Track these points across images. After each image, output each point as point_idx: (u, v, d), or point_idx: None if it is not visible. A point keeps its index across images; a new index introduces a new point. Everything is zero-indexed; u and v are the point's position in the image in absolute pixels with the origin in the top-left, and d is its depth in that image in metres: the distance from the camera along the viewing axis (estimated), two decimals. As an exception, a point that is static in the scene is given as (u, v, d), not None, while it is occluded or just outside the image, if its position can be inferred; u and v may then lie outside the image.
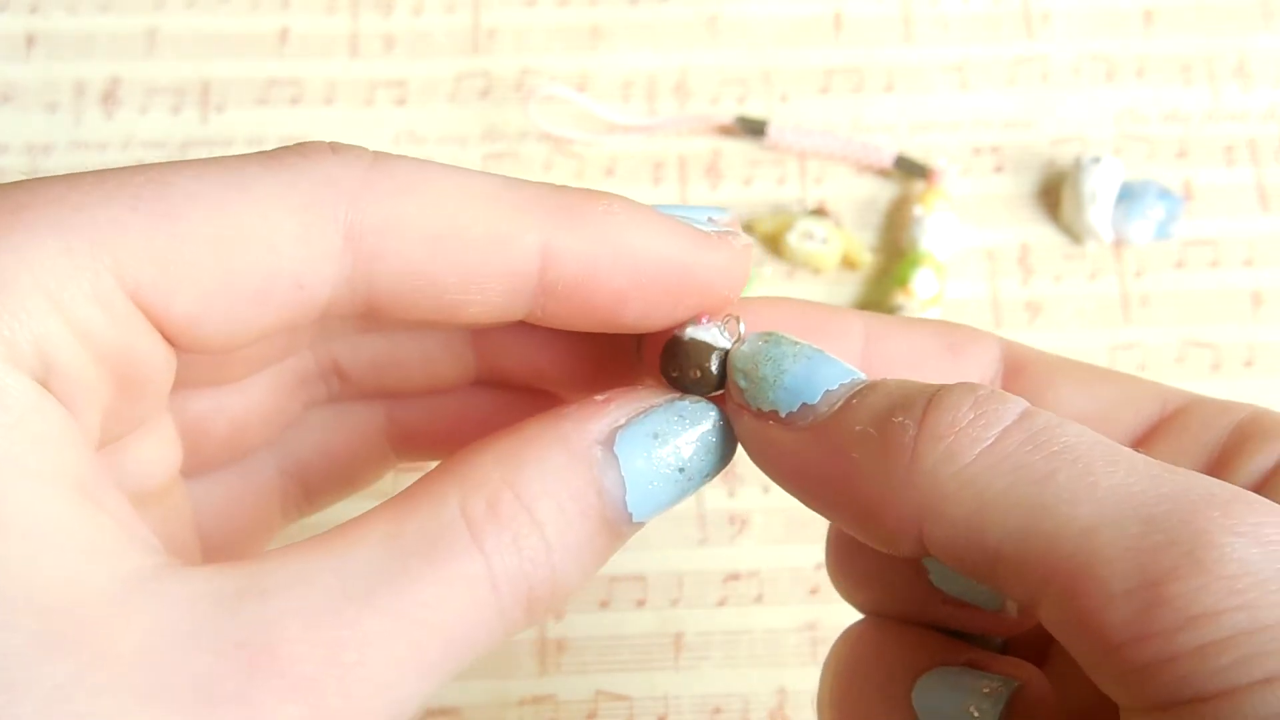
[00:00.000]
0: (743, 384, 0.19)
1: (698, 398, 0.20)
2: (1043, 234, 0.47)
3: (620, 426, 0.18)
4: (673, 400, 0.19)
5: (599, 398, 0.19)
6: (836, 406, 0.18)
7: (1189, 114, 0.48)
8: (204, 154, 0.47)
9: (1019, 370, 0.22)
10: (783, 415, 0.19)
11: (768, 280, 0.46)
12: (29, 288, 0.15)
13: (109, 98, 0.48)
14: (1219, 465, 0.19)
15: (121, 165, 0.17)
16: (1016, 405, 0.17)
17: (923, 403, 0.18)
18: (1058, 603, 0.16)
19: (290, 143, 0.21)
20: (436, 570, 0.16)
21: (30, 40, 0.49)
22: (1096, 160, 0.46)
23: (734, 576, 0.42)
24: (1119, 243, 0.46)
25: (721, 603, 0.41)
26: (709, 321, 0.21)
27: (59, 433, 0.15)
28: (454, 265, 0.18)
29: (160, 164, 0.17)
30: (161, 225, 0.16)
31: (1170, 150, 0.48)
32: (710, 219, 0.20)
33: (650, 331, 0.21)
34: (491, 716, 0.41)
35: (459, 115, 0.48)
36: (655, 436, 0.19)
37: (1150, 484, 0.16)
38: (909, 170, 0.47)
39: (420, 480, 0.18)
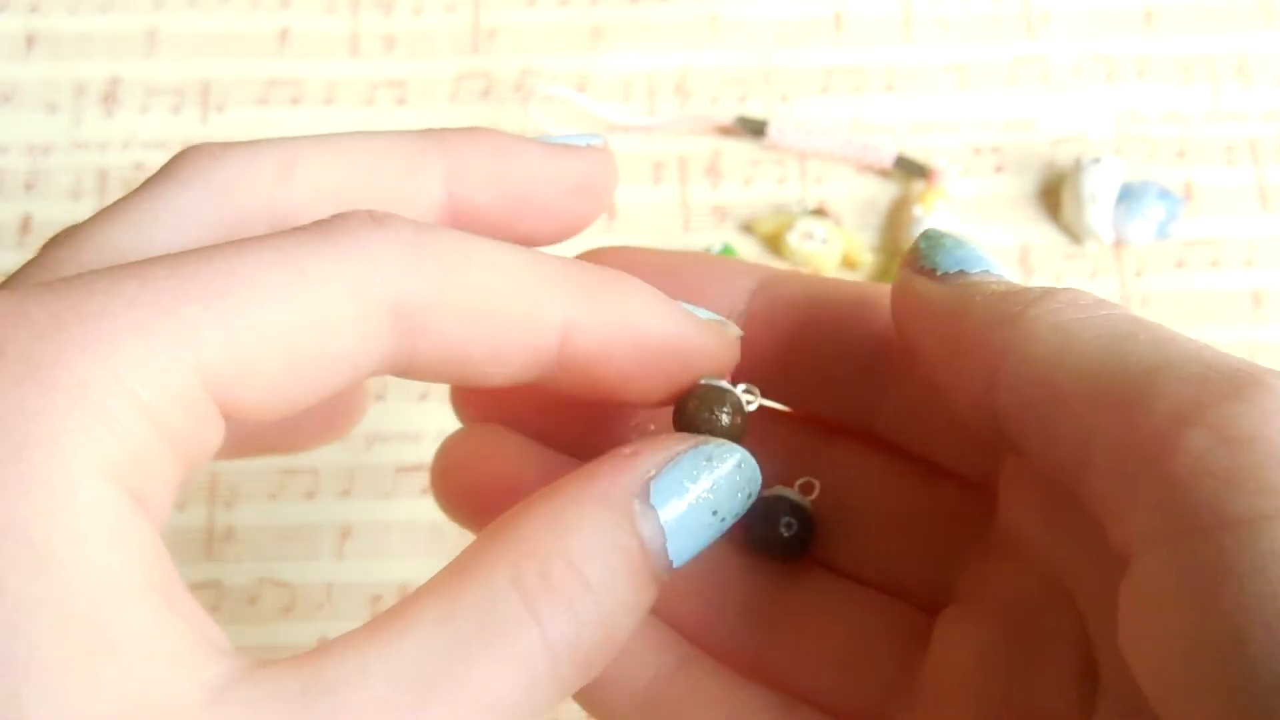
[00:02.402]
0: (923, 246, 0.21)
1: (720, 440, 0.20)
2: (1043, 234, 0.47)
3: (652, 477, 0.19)
4: (697, 445, 0.20)
5: (625, 450, 0.19)
6: (983, 274, 0.21)
7: (1189, 114, 0.48)
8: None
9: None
10: (939, 274, 0.21)
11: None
12: (121, 400, 0.16)
13: (109, 98, 0.48)
14: None
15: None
16: (1120, 305, 0.19)
17: (1045, 288, 0.19)
18: (1107, 432, 0.17)
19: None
20: (493, 650, 0.17)
21: (30, 40, 0.49)
22: (1096, 160, 0.46)
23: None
24: (1119, 243, 0.46)
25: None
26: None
27: (147, 542, 0.16)
28: (487, 340, 0.19)
29: (218, 249, 0.17)
30: (234, 321, 0.16)
31: (1170, 150, 0.48)
32: (589, 144, 0.22)
33: (645, 405, 0.22)
34: (491, 716, 0.41)
35: (459, 115, 0.48)
36: (687, 482, 0.19)
37: (1221, 353, 0.17)
38: (909, 170, 0.47)
39: (467, 552, 0.18)
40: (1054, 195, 0.47)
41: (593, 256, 0.23)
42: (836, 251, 0.45)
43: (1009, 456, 0.21)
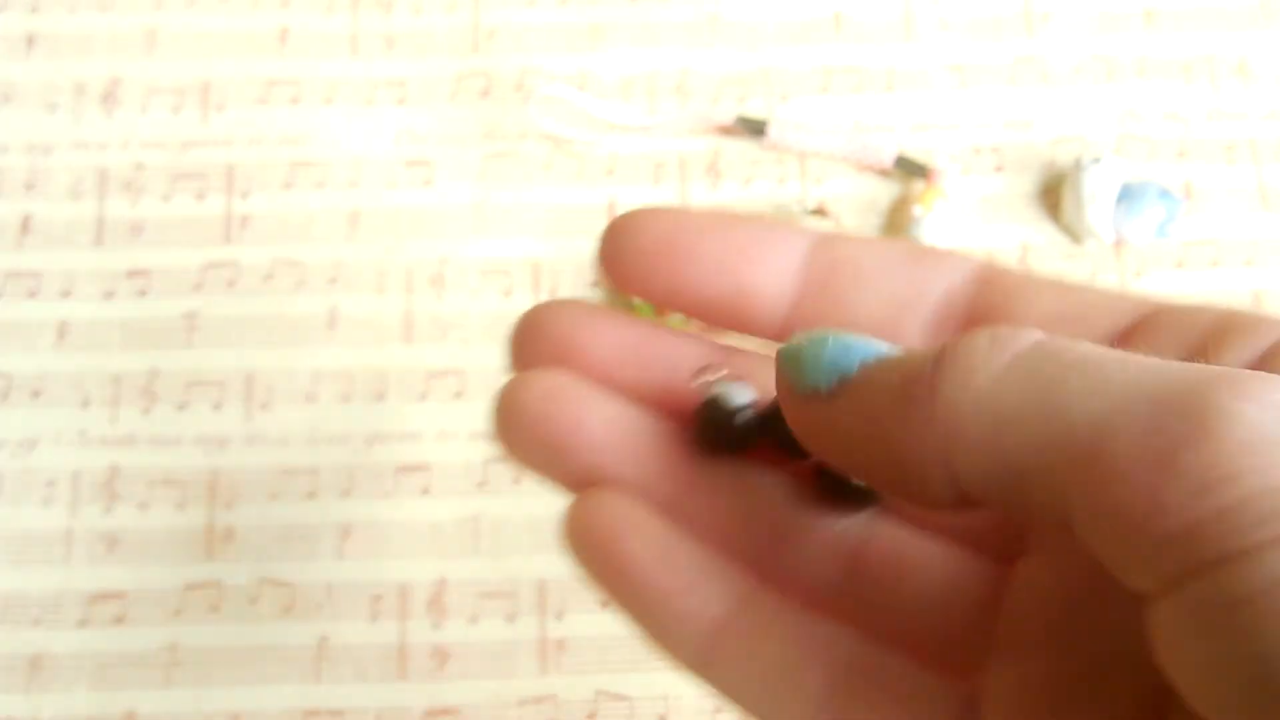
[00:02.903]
0: (789, 370, 0.20)
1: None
2: (1043, 234, 0.47)
3: None
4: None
5: None
6: (869, 370, 0.19)
7: (1189, 114, 0.48)
8: (204, 154, 0.47)
9: (988, 282, 0.22)
10: (824, 392, 0.19)
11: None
12: None
13: (109, 98, 0.48)
14: (1196, 359, 0.20)
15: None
16: (1032, 334, 0.18)
17: (941, 347, 0.18)
18: (1080, 500, 0.16)
19: (290, 143, 0.21)
20: None
21: (30, 40, 0.49)
22: (1096, 160, 0.46)
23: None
24: (1119, 243, 0.46)
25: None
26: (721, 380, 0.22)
27: None
28: None
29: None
30: None
31: (1170, 150, 0.48)
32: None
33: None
34: (491, 716, 0.41)
35: (459, 115, 0.48)
36: None
37: (1160, 374, 0.16)
38: (909, 170, 0.47)
39: None
40: (1054, 195, 0.47)
41: (632, 218, 0.22)
42: (836, 251, 0.45)
43: None
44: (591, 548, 0.21)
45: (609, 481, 0.21)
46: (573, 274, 0.46)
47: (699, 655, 0.21)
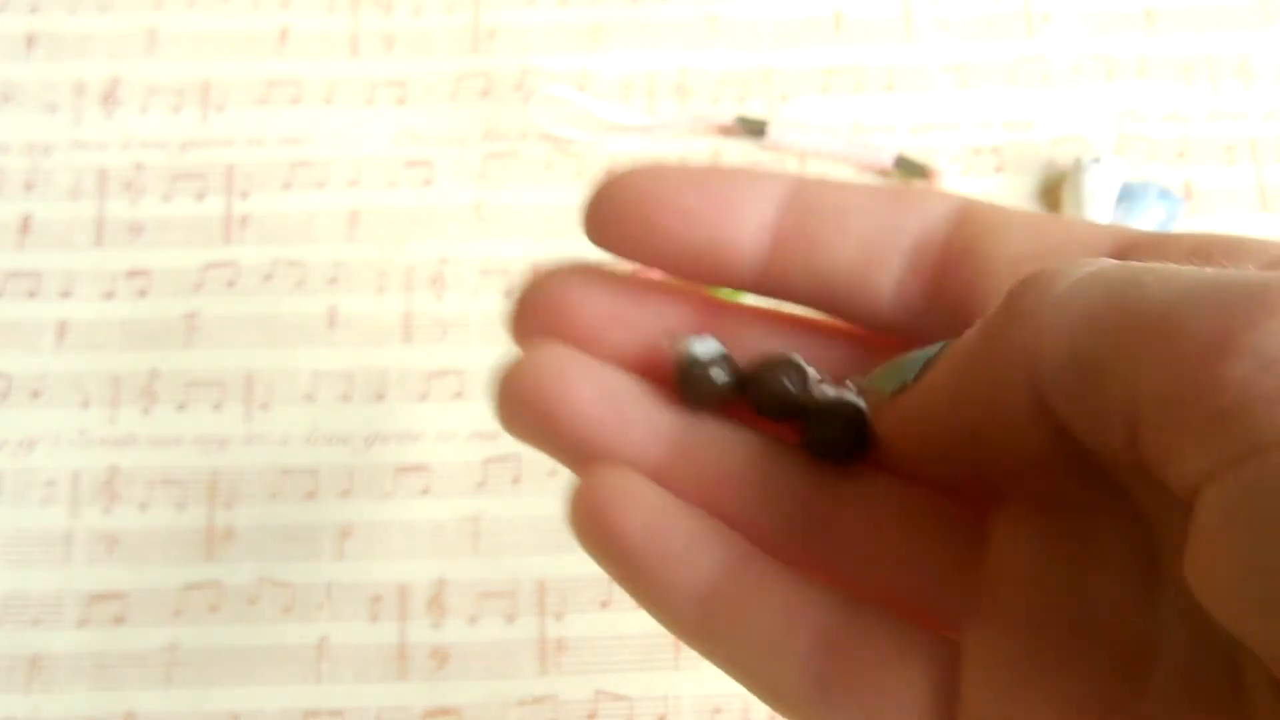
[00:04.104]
0: (877, 383, 0.21)
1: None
2: (1043, 234, 0.47)
3: None
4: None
5: None
6: (949, 346, 0.19)
7: (1189, 114, 0.48)
8: (204, 154, 0.47)
9: (966, 219, 0.22)
10: (910, 381, 0.20)
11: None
12: None
13: (109, 98, 0.48)
14: None
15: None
16: (1101, 260, 0.18)
17: (1014, 284, 0.18)
18: (1148, 385, 0.16)
19: (290, 142, 0.21)
20: None
21: (30, 40, 0.49)
22: (1096, 160, 0.46)
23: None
24: (1119, 243, 0.46)
25: (721, 603, 0.41)
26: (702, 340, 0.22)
27: None
28: None
29: None
30: None
31: (1170, 150, 0.48)
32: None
33: None
34: (491, 716, 0.41)
35: (459, 115, 0.48)
36: None
37: (1229, 272, 0.16)
38: (909, 170, 0.47)
39: None
40: (1054, 195, 0.47)
41: (620, 180, 0.22)
42: (836, 251, 0.45)
43: None
44: (590, 524, 0.21)
45: (606, 456, 0.21)
46: (573, 274, 0.46)
47: (695, 625, 0.21)
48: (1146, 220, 0.45)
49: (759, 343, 0.22)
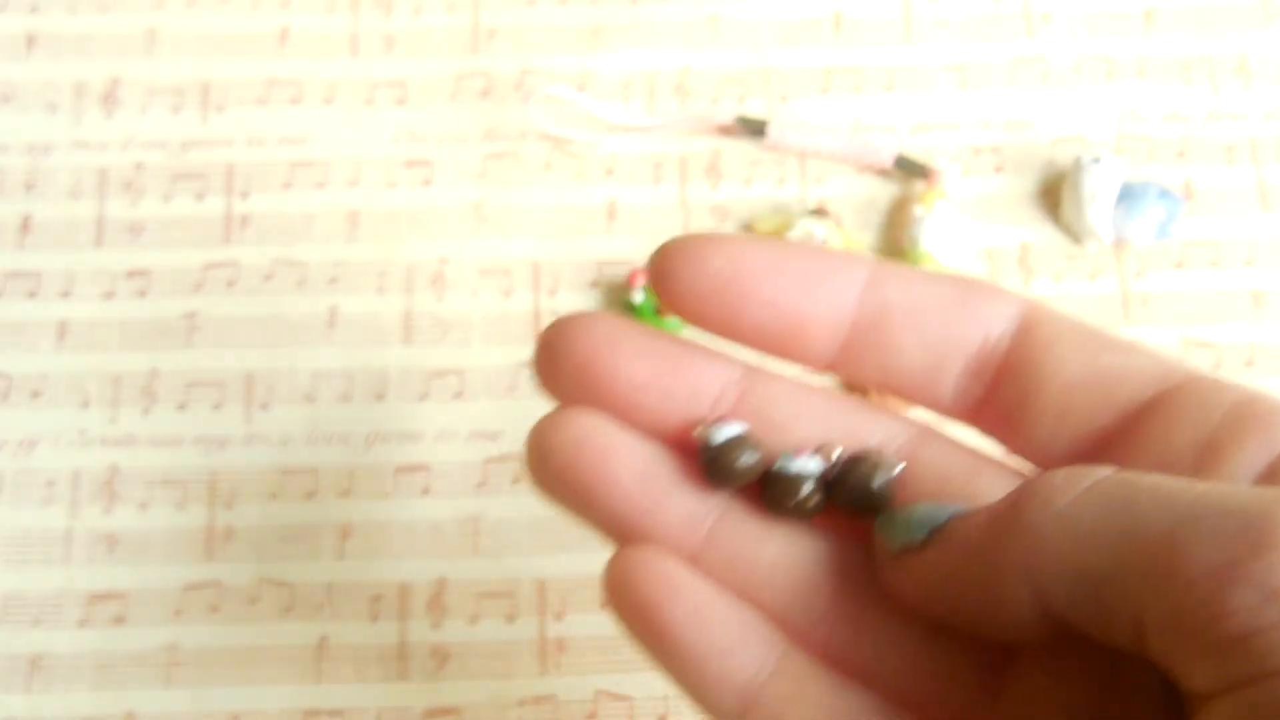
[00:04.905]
0: (885, 535, 0.21)
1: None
2: (1043, 234, 0.47)
3: None
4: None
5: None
6: (957, 519, 0.21)
7: (1189, 114, 0.48)
8: (204, 154, 0.47)
9: (1030, 329, 0.22)
10: (917, 543, 0.21)
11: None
12: None
13: (109, 98, 0.48)
14: (1213, 450, 0.20)
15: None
16: (1105, 469, 0.19)
17: (1019, 486, 0.20)
18: (1153, 605, 0.17)
19: (290, 142, 0.21)
20: None
21: (30, 40, 0.49)
22: (1096, 160, 0.46)
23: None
24: (1119, 243, 0.46)
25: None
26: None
27: None
28: None
29: None
30: None
31: (1170, 150, 0.48)
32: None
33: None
34: (491, 716, 0.41)
35: (459, 115, 0.48)
36: None
37: (1225, 493, 0.17)
38: (909, 170, 0.47)
39: None
40: (1054, 195, 0.47)
41: (688, 246, 0.22)
42: (836, 251, 0.45)
43: None
44: (632, 608, 0.22)
45: (640, 535, 0.22)
46: (573, 274, 0.46)
47: (735, 717, 0.22)
48: (1146, 220, 0.45)
49: (794, 412, 0.23)
